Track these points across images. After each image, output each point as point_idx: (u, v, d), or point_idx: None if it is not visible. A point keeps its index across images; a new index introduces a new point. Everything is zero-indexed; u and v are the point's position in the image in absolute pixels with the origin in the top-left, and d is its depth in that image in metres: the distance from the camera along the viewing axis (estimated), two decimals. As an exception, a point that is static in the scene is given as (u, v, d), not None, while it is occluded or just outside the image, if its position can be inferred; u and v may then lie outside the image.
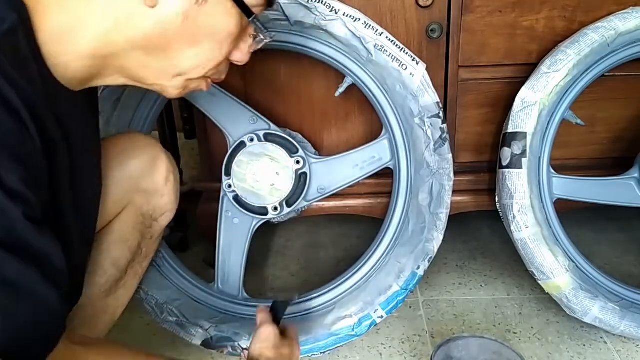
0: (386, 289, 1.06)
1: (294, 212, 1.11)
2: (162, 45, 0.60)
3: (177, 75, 0.64)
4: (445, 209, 1.06)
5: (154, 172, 0.88)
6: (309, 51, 1.04)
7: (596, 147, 1.20)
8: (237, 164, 1.07)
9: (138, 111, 1.05)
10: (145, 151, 0.88)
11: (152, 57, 0.61)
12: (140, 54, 0.60)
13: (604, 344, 1.08)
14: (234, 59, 0.67)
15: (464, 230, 1.47)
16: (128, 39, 0.58)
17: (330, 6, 0.98)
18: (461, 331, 1.12)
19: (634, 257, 1.35)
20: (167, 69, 0.63)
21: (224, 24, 0.62)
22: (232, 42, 0.64)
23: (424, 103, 1.02)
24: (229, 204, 1.09)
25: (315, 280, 1.30)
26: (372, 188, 1.18)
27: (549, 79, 1.01)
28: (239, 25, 0.63)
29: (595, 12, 1.06)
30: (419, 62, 1.00)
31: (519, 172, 1.02)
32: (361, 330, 1.05)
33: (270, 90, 1.14)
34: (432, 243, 1.06)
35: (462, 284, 1.27)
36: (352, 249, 1.42)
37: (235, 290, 1.10)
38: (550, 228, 1.05)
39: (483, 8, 1.07)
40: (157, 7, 0.57)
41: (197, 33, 0.60)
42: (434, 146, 1.04)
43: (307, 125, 1.17)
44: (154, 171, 0.88)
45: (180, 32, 0.59)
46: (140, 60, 0.61)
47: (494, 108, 1.14)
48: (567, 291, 1.02)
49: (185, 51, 0.61)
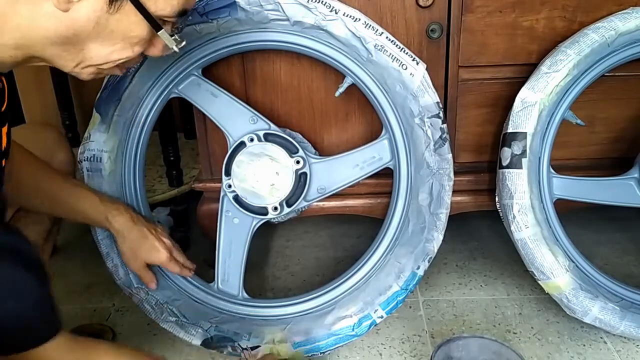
0: (386, 289, 1.06)
1: (294, 212, 1.11)
2: (74, 42, 0.64)
3: (89, 66, 0.69)
4: (445, 209, 1.06)
5: (53, 160, 0.95)
6: (309, 51, 1.04)
7: (596, 147, 1.20)
8: (237, 164, 1.07)
9: (138, 111, 1.05)
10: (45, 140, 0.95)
11: (66, 51, 0.66)
12: (56, 48, 0.65)
13: (604, 344, 1.08)
14: (149, 54, 0.72)
15: (464, 230, 1.47)
16: (44, 36, 0.63)
17: (330, 6, 0.98)
18: (461, 331, 1.12)
19: (633, 257, 1.36)
20: (81, 61, 0.67)
21: (135, 31, 0.66)
22: (144, 44, 0.69)
23: (424, 103, 1.02)
24: (229, 204, 1.09)
25: (315, 280, 1.30)
26: (372, 188, 1.18)
27: (549, 79, 1.01)
28: (150, 31, 0.67)
29: (595, 12, 1.06)
30: (419, 62, 1.00)
31: (519, 172, 1.02)
32: (361, 330, 1.05)
33: (270, 90, 1.14)
34: (432, 243, 1.06)
35: (462, 284, 1.27)
36: (352, 249, 1.42)
37: (235, 290, 1.10)
38: (550, 228, 1.05)
39: (483, 8, 1.07)
40: (69, 12, 0.61)
41: (109, 36, 0.65)
42: (434, 146, 1.04)
43: (307, 125, 1.17)
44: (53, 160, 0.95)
45: (92, 35, 0.64)
46: (56, 52, 0.66)
47: (494, 108, 1.14)
48: (567, 291, 1.02)
49: (98, 49, 0.66)
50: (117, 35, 0.65)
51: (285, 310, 1.10)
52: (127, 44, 0.67)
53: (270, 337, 1.05)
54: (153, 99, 1.05)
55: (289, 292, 1.26)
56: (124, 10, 0.63)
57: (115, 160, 1.05)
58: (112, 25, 0.64)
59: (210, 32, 1.01)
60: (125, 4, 0.63)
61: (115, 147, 1.05)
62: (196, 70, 1.05)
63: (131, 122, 1.05)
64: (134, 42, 0.67)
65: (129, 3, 0.63)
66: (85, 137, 1.06)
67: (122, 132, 1.05)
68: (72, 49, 0.65)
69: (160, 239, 1.02)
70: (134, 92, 1.03)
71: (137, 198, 1.07)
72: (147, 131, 1.07)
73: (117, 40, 0.66)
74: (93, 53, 0.66)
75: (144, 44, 0.69)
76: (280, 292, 1.27)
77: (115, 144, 1.05)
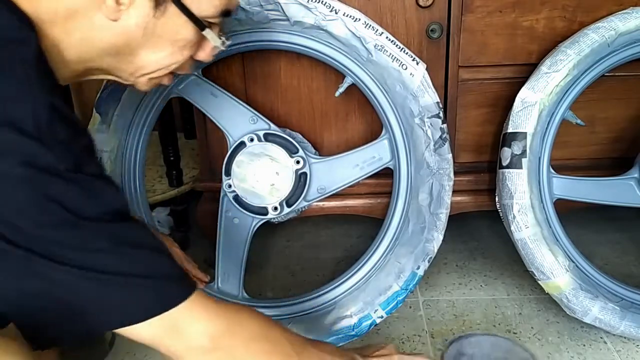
0: (386, 289, 1.06)
1: (294, 212, 1.11)
2: (127, 52, 0.67)
3: (143, 75, 0.71)
4: (445, 209, 1.06)
5: None
6: (309, 51, 1.04)
7: (596, 147, 1.20)
8: (237, 164, 1.07)
9: (138, 112, 1.05)
10: None
11: (122, 61, 0.68)
12: (112, 59, 0.67)
13: (604, 344, 1.08)
14: (199, 58, 0.74)
15: (464, 230, 1.47)
16: (100, 47, 0.65)
17: (330, 6, 0.98)
18: (461, 331, 1.12)
19: (633, 257, 1.35)
20: (135, 71, 0.70)
21: (181, 34, 0.68)
22: (192, 47, 0.71)
23: (424, 103, 1.02)
24: (229, 204, 1.09)
25: (315, 280, 1.30)
26: (372, 188, 1.18)
27: (549, 79, 1.01)
28: (196, 33, 0.69)
29: (595, 12, 1.06)
30: (419, 62, 1.00)
31: (519, 172, 1.02)
32: (361, 330, 1.05)
33: (270, 90, 1.14)
34: (432, 243, 1.06)
35: (462, 284, 1.27)
36: (352, 249, 1.42)
37: (235, 290, 1.10)
38: (550, 228, 1.05)
39: (483, 8, 1.07)
40: (119, 20, 0.63)
41: (158, 41, 0.67)
42: (434, 146, 1.04)
43: (307, 125, 1.17)
44: None
45: (142, 41, 0.66)
46: (112, 63, 0.68)
47: (494, 108, 1.14)
48: (567, 291, 1.02)
49: (149, 56, 0.68)
50: (165, 40, 0.67)
51: (285, 310, 1.10)
52: (175, 47, 0.69)
53: (270, 337, 1.05)
54: (153, 99, 1.05)
55: (289, 292, 1.26)
56: (169, 14, 0.65)
57: (115, 160, 1.05)
58: (159, 30, 0.66)
59: (210, 32, 1.01)
60: (169, 7, 0.65)
61: (115, 147, 1.05)
62: (196, 70, 1.05)
63: (131, 122, 1.05)
64: (182, 45, 0.69)
65: (173, 5, 0.65)
66: (85, 137, 1.06)
67: (122, 132, 1.05)
68: (126, 59, 0.68)
69: (172, 247, 1.02)
70: (134, 92, 1.03)
71: (137, 198, 1.07)
72: (147, 131, 1.07)
73: (166, 44, 0.68)
74: (145, 60, 0.68)
75: (192, 46, 0.70)
76: (280, 292, 1.27)
77: (115, 144, 1.05)
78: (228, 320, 0.67)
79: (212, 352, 0.65)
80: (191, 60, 0.73)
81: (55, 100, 0.56)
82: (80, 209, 0.55)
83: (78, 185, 0.56)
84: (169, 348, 0.64)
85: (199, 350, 0.64)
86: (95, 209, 0.57)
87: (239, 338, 0.67)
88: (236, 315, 0.69)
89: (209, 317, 0.64)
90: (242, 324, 0.68)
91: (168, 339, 0.63)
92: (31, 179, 0.53)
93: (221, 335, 0.65)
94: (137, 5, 0.63)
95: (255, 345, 0.69)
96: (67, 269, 0.55)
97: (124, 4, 0.62)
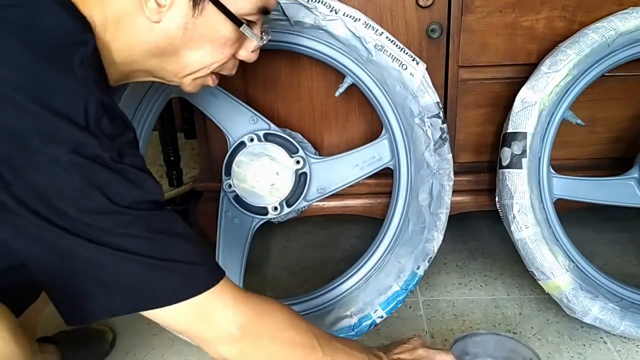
0: (386, 289, 1.06)
1: (294, 212, 1.11)
2: (170, 52, 0.70)
3: (187, 75, 0.73)
4: (445, 209, 1.06)
5: None
6: (309, 51, 1.04)
7: (596, 147, 1.20)
8: (237, 164, 1.07)
9: (138, 111, 1.05)
10: None
11: (165, 62, 0.71)
12: (156, 60, 0.70)
13: (604, 344, 1.08)
14: (241, 57, 0.76)
15: (464, 230, 1.47)
16: (144, 49, 0.69)
17: (330, 6, 0.98)
18: (461, 331, 1.12)
19: (633, 257, 1.35)
20: (179, 71, 0.73)
21: (220, 31, 0.70)
22: (232, 45, 0.73)
23: (424, 103, 1.02)
24: (229, 204, 1.09)
25: (315, 280, 1.30)
26: (372, 188, 1.18)
27: (549, 79, 1.01)
28: (235, 31, 0.71)
29: (595, 12, 1.06)
30: (419, 62, 1.01)
31: (519, 172, 1.02)
32: (361, 330, 1.05)
33: (270, 90, 1.14)
34: (432, 243, 1.06)
35: (462, 284, 1.27)
36: (352, 249, 1.42)
37: (235, 290, 1.10)
38: (550, 228, 1.05)
39: (483, 8, 1.07)
40: (161, 22, 0.67)
41: (199, 40, 0.69)
42: (434, 146, 1.04)
43: (307, 125, 1.17)
44: None
45: (184, 40, 0.69)
46: (156, 64, 0.71)
47: (494, 108, 1.14)
48: (567, 291, 1.02)
49: (192, 55, 0.71)
50: (205, 39, 0.69)
51: (285, 310, 1.10)
52: (216, 46, 0.71)
53: (270, 337, 1.05)
54: (153, 99, 1.05)
55: (289, 292, 1.26)
56: (207, 12, 0.67)
57: (115, 160, 1.05)
58: (199, 29, 0.68)
59: (210, 32, 1.01)
60: (207, 5, 0.67)
61: (115, 147, 1.04)
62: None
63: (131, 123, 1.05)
64: (222, 42, 0.71)
65: (211, 4, 0.67)
66: (85, 137, 1.06)
67: (122, 132, 1.05)
68: (169, 59, 0.70)
69: None
70: (134, 92, 1.03)
71: (137, 198, 1.07)
72: (147, 131, 1.07)
73: (206, 43, 0.70)
74: (188, 60, 0.71)
75: (232, 44, 0.72)
76: (280, 292, 1.27)
77: (115, 144, 1.04)
78: (256, 309, 0.69)
79: (239, 340, 0.67)
80: (234, 60, 0.76)
81: (104, 98, 0.60)
82: (122, 197, 0.59)
83: (121, 174, 0.59)
84: (198, 334, 0.66)
85: (227, 337, 0.66)
86: (135, 197, 0.60)
87: (265, 328, 0.69)
88: (264, 306, 0.71)
89: (237, 305, 0.66)
90: (270, 315, 0.70)
91: (198, 325, 0.65)
92: (79, 165, 0.57)
93: (249, 324, 0.67)
94: (177, 6, 0.66)
95: (281, 336, 0.71)
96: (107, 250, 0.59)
97: (164, 5, 0.65)
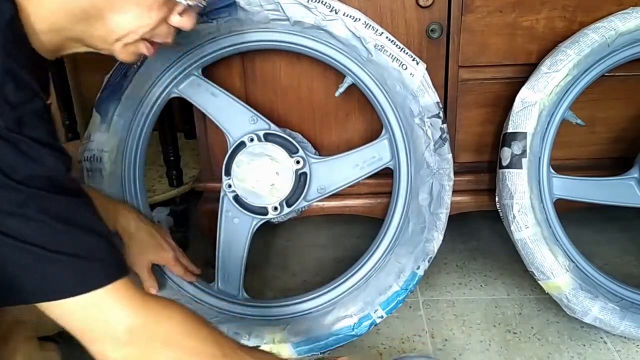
0: (386, 289, 1.06)
1: (294, 212, 1.11)
2: (95, 15, 0.66)
3: (117, 41, 0.70)
4: (445, 209, 1.06)
5: None
6: (309, 51, 1.04)
7: (596, 147, 1.20)
8: (237, 164, 1.07)
9: (138, 112, 1.05)
10: None
11: (93, 27, 0.67)
12: (83, 25, 0.67)
13: (604, 344, 1.08)
14: (174, 24, 0.72)
15: (464, 230, 1.47)
16: (68, 13, 0.65)
17: (330, 6, 0.98)
18: (461, 331, 1.12)
19: (633, 257, 1.35)
20: (107, 36, 0.69)
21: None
22: (160, 8, 0.69)
23: (424, 103, 1.02)
24: (229, 204, 1.09)
25: (315, 280, 1.30)
26: (372, 188, 1.18)
27: (549, 79, 1.01)
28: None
29: (595, 12, 1.06)
30: (419, 62, 1.00)
31: (519, 172, 1.02)
32: (361, 330, 1.05)
33: (270, 90, 1.14)
34: (432, 243, 1.06)
35: (462, 284, 1.27)
36: (352, 249, 1.42)
37: (235, 290, 1.10)
38: (550, 228, 1.05)
39: (483, 8, 1.07)
40: None
41: (123, 2, 0.66)
42: (434, 146, 1.04)
43: (307, 125, 1.17)
44: None
45: (107, 3, 0.66)
46: (85, 30, 0.68)
47: (494, 108, 1.14)
48: (567, 291, 1.02)
49: (117, 18, 0.67)
50: (130, 1, 0.67)
51: (285, 310, 1.10)
52: (142, 8, 0.68)
53: (270, 337, 1.05)
54: (153, 99, 1.05)
55: (289, 292, 1.26)
56: None
57: (115, 160, 1.05)
58: None
59: (210, 32, 1.01)
60: None
61: (115, 147, 1.04)
62: (196, 70, 1.05)
63: (131, 122, 1.05)
64: (148, 4, 0.68)
65: None
66: (85, 137, 1.06)
67: (122, 132, 1.05)
68: (96, 24, 0.67)
69: (166, 239, 1.03)
70: (134, 92, 1.03)
71: (137, 198, 1.07)
72: (147, 131, 1.07)
73: (131, 5, 0.67)
74: (114, 24, 0.67)
75: (160, 7, 0.69)
76: (280, 292, 1.27)
77: (115, 144, 1.04)
78: (152, 314, 0.64)
79: (127, 345, 0.62)
80: (167, 27, 0.72)
81: (14, 65, 0.57)
82: (14, 170, 0.54)
83: (15, 146, 0.54)
84: (86, 335, 0.61)
85: (114, 340, 0.61)
86: (30, 172, 0.55)
87: (160, 334, 0.64)
88: (164, 310, 0.66)
89: (131, 307, 0.62)
90: (168, 320, 0.65)
91: (85, 324, 0.60)
92: None
93: (140, 329, 0.62)
94: None
95: (178, 344, 0.65)
96: None
97: None
